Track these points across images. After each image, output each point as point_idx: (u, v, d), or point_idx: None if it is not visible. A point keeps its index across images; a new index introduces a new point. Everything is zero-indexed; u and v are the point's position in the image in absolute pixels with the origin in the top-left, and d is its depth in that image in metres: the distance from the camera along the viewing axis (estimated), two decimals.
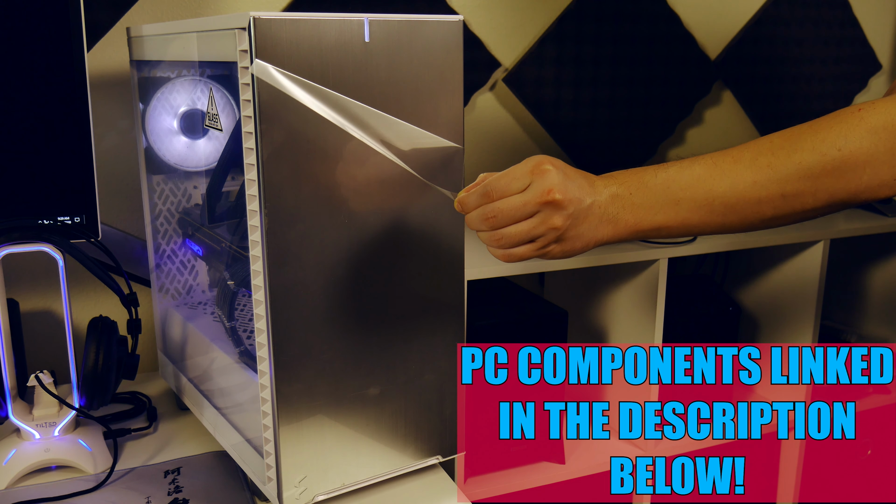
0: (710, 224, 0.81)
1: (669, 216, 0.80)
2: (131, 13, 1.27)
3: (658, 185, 0.80)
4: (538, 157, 0.79)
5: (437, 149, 0.85)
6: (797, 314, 1.45)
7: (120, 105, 1.28)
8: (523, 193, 0.77)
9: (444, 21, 0.83)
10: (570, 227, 0.78)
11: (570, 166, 0.80)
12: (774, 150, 0.79)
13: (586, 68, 1.60)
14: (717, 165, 0.80)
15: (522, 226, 0.78)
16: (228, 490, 0.97)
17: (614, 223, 0.80)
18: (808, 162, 0.77)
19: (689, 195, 0.79)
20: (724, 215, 0.80)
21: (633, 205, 0.80)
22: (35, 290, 1.28)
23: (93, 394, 1.00)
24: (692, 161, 0.80)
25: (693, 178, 0.80)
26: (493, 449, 1.26)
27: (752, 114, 1.81)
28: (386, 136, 0.81)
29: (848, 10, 1.87)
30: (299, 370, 0.82)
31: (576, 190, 0.78)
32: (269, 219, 0.77)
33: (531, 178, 0.77)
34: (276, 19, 0.74)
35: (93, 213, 1.04)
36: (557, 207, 0.77)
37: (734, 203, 0.79)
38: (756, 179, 0.78)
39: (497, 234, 0.79)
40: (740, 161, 0.79)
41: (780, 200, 0.78)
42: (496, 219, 0.78)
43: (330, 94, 0.78)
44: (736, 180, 0.79)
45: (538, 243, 0.79)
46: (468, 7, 1.49)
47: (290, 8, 1.37)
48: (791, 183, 0.78)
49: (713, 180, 0.79)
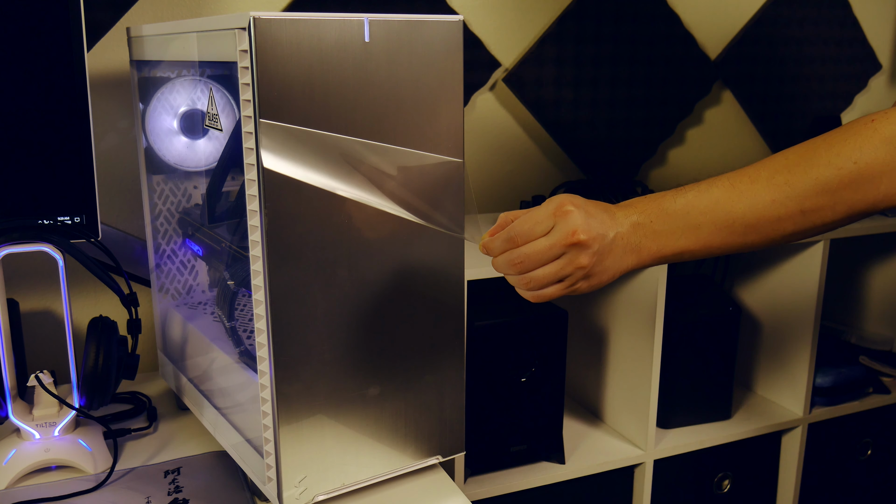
0: (732, 244, 0.81)
1: (691, 240, 0.81)
2: (131, 13, 1.27)
3: (677, 210, 0.81)
4: (559, 199, 0.80)
5: (436, 166, 0.85)
6: (797, 314, 1.45)
7: (120, 105, 1.28)
8: (548, 236, 0.78)
9: (444, 21, 0.83)
10: (596, 264, 0.79)
11: (589, 201, 0.81)
12: (790, 166, 0.79)
13: (586, 68, 1.60)
14: (735, 187, 0.80)
15: (550, 268, 0.79)
16: (228, 490, 0.97)
17: (638, 252, 0.81)
18: (825, 177, 0.77)
19: (709, 219, 0.80)
20: (745, 235, 0.80)
21: (655, 232, 0.81)
22: (35, 290, 1.28)
23: (93, 394, 1.00)
24: (709, 184, 0.81)
25: (712, 202, 0.80)
26: (493, 449, 1.26)
27: (752, 114, 1.81)
28: (383, 167, 0.82)
29: (848, 10, 1.87)
30: (299, 370, 0.82)
31: (598, 226, 0.79)
32: (269, 219, 0.77)
33: (554, 220, 0.78)
34: (276, 19, 0.74)
35: (93, 213, 1.04)
36: (583, 247, 0.78)
37: (754, 223, 0.79)
38: (774, 198, 0.78)
39: (525, 278, 0.80)
40: (757, 181, 0.79)
41: (800, 217, 0.79)
42: (523, 264, 0.79)
43: (327, 137, 0.78)
44: (754, 200, 0.79)
45: (566, 282, 0.80)
46: (468, 7, 1.49)
47: (290, 8, 1.37)
48: (809, 199, 0.78)
49: (732, 202, 0.79)
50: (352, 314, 0.85)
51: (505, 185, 1.60)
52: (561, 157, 1.63)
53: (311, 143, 0.78)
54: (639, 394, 1.33)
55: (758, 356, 1.57)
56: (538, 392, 1.26)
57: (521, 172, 1.61)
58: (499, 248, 0.81)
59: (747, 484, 1.50)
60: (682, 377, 1.40)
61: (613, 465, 1.33)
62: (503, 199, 1.60)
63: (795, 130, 1.86)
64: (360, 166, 0.81)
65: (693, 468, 1.43)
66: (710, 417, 1.45)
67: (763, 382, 1.56)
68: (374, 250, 0.84)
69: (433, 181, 0.86)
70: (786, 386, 1.50)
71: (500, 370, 1.22)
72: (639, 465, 1.36)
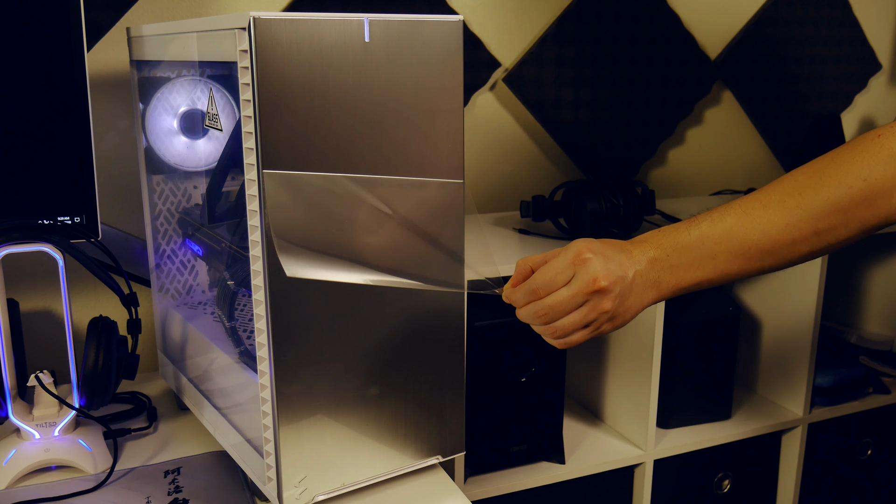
0: (749, 270, 0.82)
1: (708, 270, 0.81)
2: (131, 13, 1.27)
3: (692, 242, 0.81)
4: (576, 247, 0.80)
5: (436, 188, 0.85)
6: (797, 314, 1.45)
7: (120, 105, 1.28)
8: (569, 286, 0.79)
9: (444, 21, 0.83)
10: (618, 305, 0.80)
11: (605, 242, 0.82)
12: (800, 188, 0.79)
13: (586, 68, 1.60)
14: (747, 213, 0.80)
15: (574, 316, 0.80)
16: (228, 490, 0.97)
17: (657, 286, 0.82)
18: (836, 196, 0.77)
19: (724, 248, 0.80)
20: (762, 260, 0.81)
21: (672, 266, 0.81)
22: (35, 290, 1.28)
23: (93, 394, 1.00)
24: (721, 213, 0.82)
25: (725, 231, 0.80)
26: (493, 449, 1.26)
27: (752, 114, 1.81)
28: (383, 198, 0.82)
29: (848, 10, 1.87)
30: (299, 370, 0.82)
31: (617, 269, 0.79)
32: None
33: (574, 269, 0.79)
34: (276, 19, 0.74)
35: (93, 213, 1.04)
36: (605, 293, 0.79)
37: (770, 248, 0.80)
38: (788, 221, 0.79)
39: (551, 328, 0.81)
40: (769, 205, 0.80)
41: (815, 238, 0.79)
42: (548, 315, 0.80)
43: (328, 178, 0.78)
44: (768, 226, 0.79)
45: (591, 327, 0.81)
46: (468, 7, 1.49)
47: (290, 8, 1.37)
48: (822, 220, 0.78)
49: (745, 230, 0.80)
50: (352, 314, 0.85)
51: (505, 185, 1.60)
52: (561, 157, 1.63)
53: (314, 186, 0.79)
54: (639, 394, 1.33)
55: (758, 356, 1.57)
56: (538, 392, 1.26)
57: (521, 172, 1.61)
58: (522, 300, 0.82)
59: (747, 484, 1.50)
60: (683, 377, 1.40)
61: (613, 465, 1.33)
62: (503, 199, 1.60)
63: (795, 130, 1.86)
64: (362, 204, 0.81)
65: (693, 468, 1.43)
66: (710, 417, 1.44)
67: (763, 382, 1.56)
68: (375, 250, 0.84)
69: (434, 208, 0.86)
70: (786, 386, 1.50)
71: (500, 370, 1.22)
72: (639, 465, 1.36)
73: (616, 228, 1.29)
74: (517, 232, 1.38)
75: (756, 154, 1.85)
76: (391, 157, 0.83)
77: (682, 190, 1.78)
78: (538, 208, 1.35)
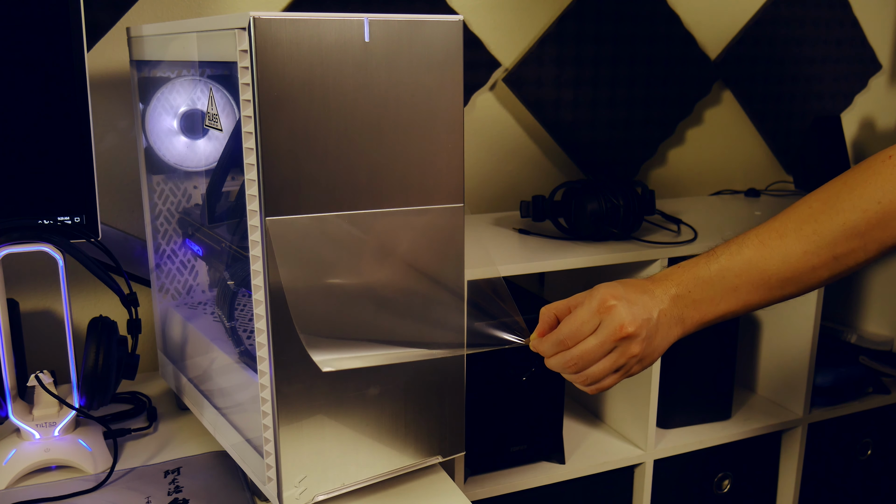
0: (772, 299, 0.82)
1: (731, 303, 0.82)
2: (131, 13, 1.27)
3: (713, 276, 0.82)
4: (600, 294, 0.81)
5: (437, 213, 0.86)
6: (797, 314, 1.45)
7: (120, 105, 1.28)
8: (596, 334, 0.80)
9: (444, 21, 0.83)
10: (646, 347, 0.81)
11: (627, 284, 0.83)
12: (815, 215, 0.79)
13: (586, 68, 1.60)
14: (765, 244, 0.81)
15: (604, 363, 0.81)
16: (228, 490, 0.97)
17: (682, 322, 0.83)
18: (851, 221, 0.77)
19: (744, 280, 0.81)
20: (783, 289, 0.81)
21: (695, 301, 0.82)
22: (35, 290, 1.28)
23: (93, 394, 1.00)
24: (739, 244, 0.82)
25: (744, 263, 0.81)
26: (493, 449, 1.26)
27: (752, 114, 1.81)
28: (386, 240, 0.83)
29: (848, 10, 1.87)
30: (299, 370, 0.82)
31: (642, 311, 0.80)
32: None
33: (599, 317, 0.80)
34: (276, 19, 0.74)
35: (93, 213, 1.04)
36: (632, 338, 0.80)
37: (790, 276, 0.80)
38: (806, 249, 0.79)
39: (582, 376, 0.82)
40: (786, 234, 0.80)
41: (834, 262, 0.79)
42: (578, 364, 0.81)
43: (329, 218, 0.80)
44: (786, 255, 0.80)
45: (622, 371, 0.82)
46: (468, 7, 1.49)
47: (290, 8, 1.37)
48: (840, 245, 0.78)
49: (764, 260, 0.80)
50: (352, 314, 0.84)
51: (505, 185, 1.60)
52: (561, 157, 1.63)
53: (318, 229, 0.79)
54: (639, 394, 1.33)
55: (758, 356, 1.57)
56: (538, 392, 1.26)
57: (521, 172, 1.61)
58: (550, 351, 0.83)
59: (747, 484, 1.50)
60: (682, 377, 1.40)
61: (613, 465, 1.33)
62: (503, 199, 1.60)
63: (795, 130, 1.86)
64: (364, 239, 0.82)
65: (693, 468, 1.43)
66: (710, 417, 1.44)
67: (763, 382, 1.56)
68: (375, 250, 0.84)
69: (434, 235, 0.87)
70: (786, 386, 1.50)
71: (500, 370, 1.22)
72: (639, 465, 1.36)
73: (616, 228, 1.29)
74: (517, 232, 1.38)
75: (756, 154, 1.85)
76: (391, 157, 0.83)
77: (682, 190, 1.78)
78: (538, 208, 1.35)
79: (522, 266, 1.19)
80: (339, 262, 0.82)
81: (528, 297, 1.32)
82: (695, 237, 1.32)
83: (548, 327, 0.85)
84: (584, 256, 1.22)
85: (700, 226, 1.39)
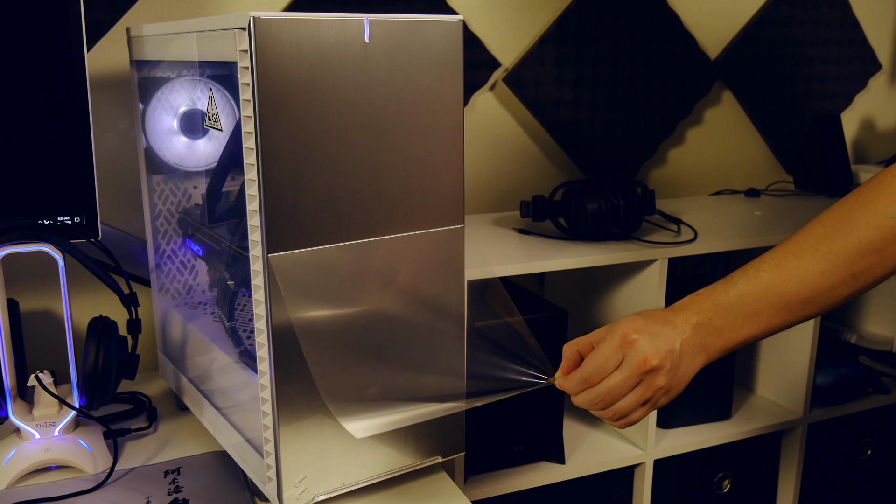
0: (793, 321, 0.82)
1: (752, 328, 0.82)
2: (131, 13, 1.27)
3: (732, 302, 0.82)
4: (621, 329, 0.81)
5: (437, 234, 0.86)
6: None
7: (120, 105, 1.28)
8: (621, 370, 0.80)
9: (444, 21, 0.83)
10: (671, 378, 0.81)
11: (647, 316, 0.83)
12: (830, 234, 0.79)
13: (586, 68, 1.60)
14: (782, 267, 0.81)
15: (631, 397, 0.81)
16: (228, 490, 0.97)
17: (705, 350, 0.83)
18: (867, 238, 0.78)
19: (764, 304, 0.81)
20: (804, 309, 0.81)
21: (716, 328, 0.82)
22: (35, 290, 1.28)
23: (93, 394, 1.00)
24: (756, 268, 0.82)
25: (763, 287, 0.81)
26: (493, 449, 1.26)
27: (752, 114, 1.81)
28: (387, 268, 0.83)
29: (848, 10, 1.87)
30: (299, 370, 0.82)
31: (664, 343, 0.80)
32: (269, 219, 0.77)
33: (622, 352, 0.80)
34: (276, 19, 0.74)
35: (93, 213, 1.04)
36: (657, 371, 0.80)
37: (810, 297, 0.80)
38: (823, 269, 0.79)
39: (610, 412, 0.83)
40: (801, 256, 0.80)
41: (853, 280, 0.79)
42: (605, 401, 0.82)
43: (331, 249, 0.80)
44: (804, 276, 0.80)
45: (649, 404, 0.83)
46: (468, 7, 1.49)
47: (290, 8, 1.37)
48: (857, 262, 0.78)
49: (783, 283, 0.80)
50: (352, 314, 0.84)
51: (505, 185, 1.60)
52: (561, 157, 1.63)
53: (320, 261, 0.80)
54: None
55: (758, 356, 1.57)
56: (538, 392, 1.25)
57: (521, 172, 1.61)
58: (576, 389, 0.84)
59: (747, 484, 1.50)
60: None
61: (613, 465, 1.33)
62: (503, 199, 1.60)
63: (795, 130, 1.86)
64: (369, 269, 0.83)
65: (693, 468, 1.43)
66: (710, 417, 1.44)
67: (763, 382, 1.56)
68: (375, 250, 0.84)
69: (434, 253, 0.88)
70: (786, 386, 1.50)
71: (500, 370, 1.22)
72: (639, 465, 1.36)
73: (616, 228, 1.29)
74: (517, 232, 1.38)
75: (756, 154, 1.85)
76: (391, 157, 0.83)
77: (682, 190, 1.78)
78: (538, 208, 1.35)
79: (522, 266, 1.19)
80: (344, 292, 0.83)
81: (528, 297, 1.32)
82: (695, 237, 1.32)
83: (572, 364, 0.85)
84: (584, 256, 1.22)
85: (700, 226, 1.39)
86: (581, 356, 0.85)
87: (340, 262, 0.81)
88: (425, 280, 0.88)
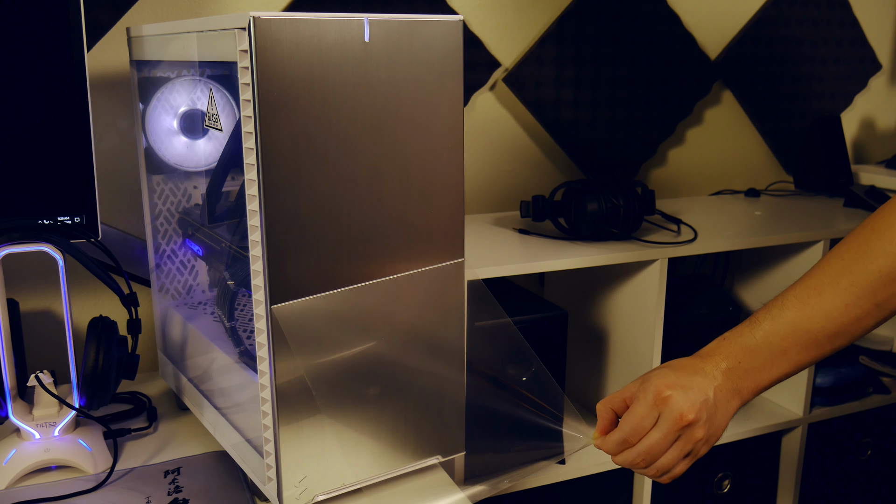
0: (822, 355, 0.83)
1: (783, 366, 0.83)
2: (131, 13, 1.27)
3: (759, 344, 0.82)
4: (653, 386, 0.81)
5: (437, 270, 0.87)
6: None
7: (120, 105, 1.28)
8: (658, 427, 0.81)
9: (444, 21, 0.83)
10: (709, 427, 0.82)
11: (676, 367, 0.83)
12: (849, 266, 0.79)
13: (586, 68, 1.60)
14: (805, 304, 0.81)
15: (671, 453, 0.82)
16: (228, 490, 0.97)
17: (739, 393, 0.83)
18: (887, 267, 0.78)
19: (792, 342, 0.81)
20: (832, 343, 0.82)
21: (747, 371, 0.82)
22: (35, 290, 1.28)
23: (93, 394, 1.00)
24: (780, 307, 0.82)
25: (788, 326, 0.81)
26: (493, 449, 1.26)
27: (752, 114, 1.81)
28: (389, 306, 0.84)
29: (848, 10, 1.87)
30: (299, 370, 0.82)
31: (698, 395, 0.80)
32: (269, 219, 0.77)
33: (657, 409, 0.81)
34: (276, 19, 0.74)
35: (93, 213, 1.04)
36: (694, 424, 0.80)
37: (836, 331, 0.81)
38: (847, 302, 0.79)
39: (652, 469, 0.83)
40: (823, 291, 0.80)
41: (877, 310, 0.79)
42: (646, 459, 0.82)
43: (334, 295, 0.81)
44: (829, 311, 0.80)
45: (690, 456, 0.83)
46: (468, 7, 1.49)
47: (290, 8, 1.37)
48: (880, 292, 0.79)
49: (808, 320, 0.80)
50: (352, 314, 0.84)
51: (505, 185, 1.60)
52: (561, 157, 1.63)
53: (323, 308, 0.80)
54: None
55: None
56: (538, 392, 1.25)
57: (521, 172, 1.61)
58: (615, 450, 0.84)
59: (747, 484, 1.50)
60: None
61: (613, 465, 1.32)
62: (503, 199, 1.60)
63: (795, 130, 1.86)
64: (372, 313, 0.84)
65: (693, 468, 1.42)
66: None
67: None
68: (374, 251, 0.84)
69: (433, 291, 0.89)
70: (786, 386, 1.50)
71: (499, 370, 1.22)
72: None
73: (616, 228, 1.29)
74: (517, 232, 1.38)
75: (756, 154, 1.85)
76: (391, 157, 0.83)
77: (682, 190, 1.78)
78: (538, 208, 1.35)
79: (522, 266, 1.19)
80: (348, 335, 0.84)
81: (528, 297, 1.32)
82: (695, 237, 1.32)
83: (608, 423, 0.86)
84: (584, 256, 1.22)
85: (700, 226, 1.39)
86: (615, 413, 0.85)
87: (343, 308, 0.82)
88: (426, 319, 0.89)
